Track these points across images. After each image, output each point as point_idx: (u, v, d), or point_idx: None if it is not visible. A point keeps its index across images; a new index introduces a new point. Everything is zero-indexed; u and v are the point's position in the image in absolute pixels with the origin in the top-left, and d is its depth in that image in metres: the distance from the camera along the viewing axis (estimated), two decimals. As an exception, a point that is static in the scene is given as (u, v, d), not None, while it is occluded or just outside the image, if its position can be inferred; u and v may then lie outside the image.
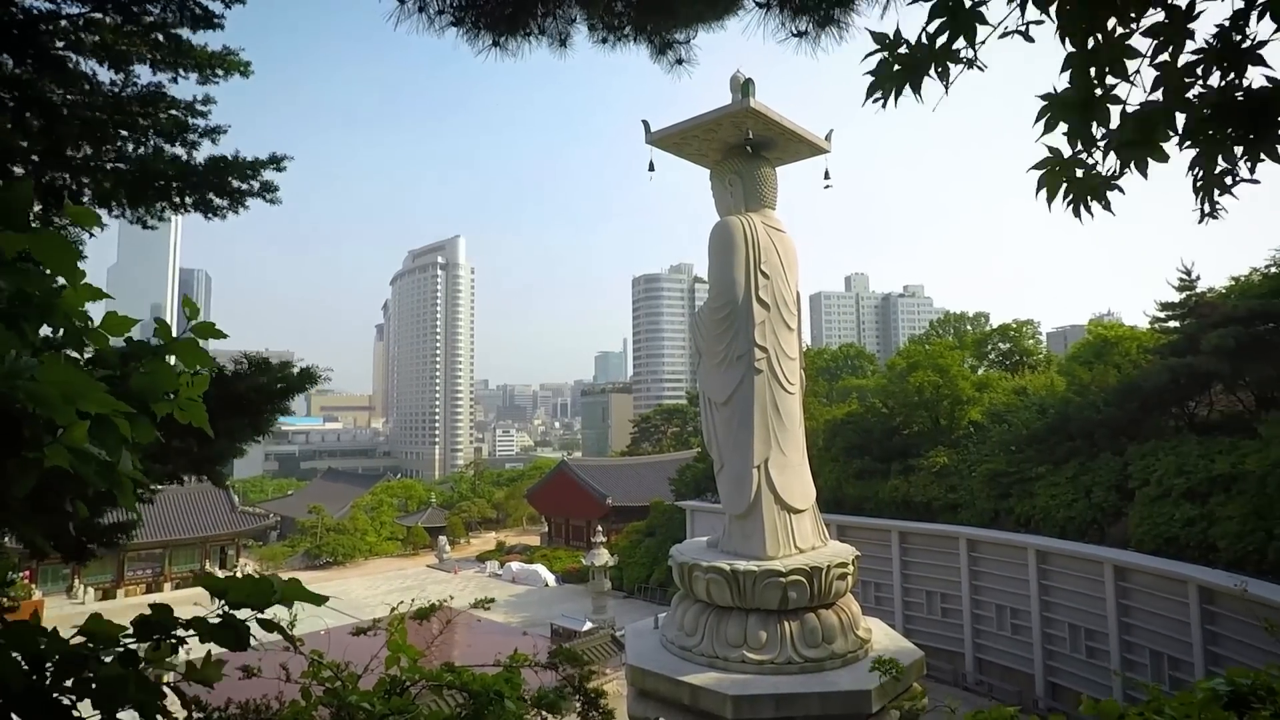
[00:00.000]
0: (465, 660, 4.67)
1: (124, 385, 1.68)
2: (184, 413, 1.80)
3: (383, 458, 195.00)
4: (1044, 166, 2.43)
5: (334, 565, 63.80)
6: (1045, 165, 2.43)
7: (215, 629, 1.70)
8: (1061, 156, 2.41)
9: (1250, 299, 27.07)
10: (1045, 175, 2.44)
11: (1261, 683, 2.78)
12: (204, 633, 1.69)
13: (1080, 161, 2.40)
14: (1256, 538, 22.54)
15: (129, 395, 1.64)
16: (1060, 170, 2.42)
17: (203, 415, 1.82)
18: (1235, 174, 2.31)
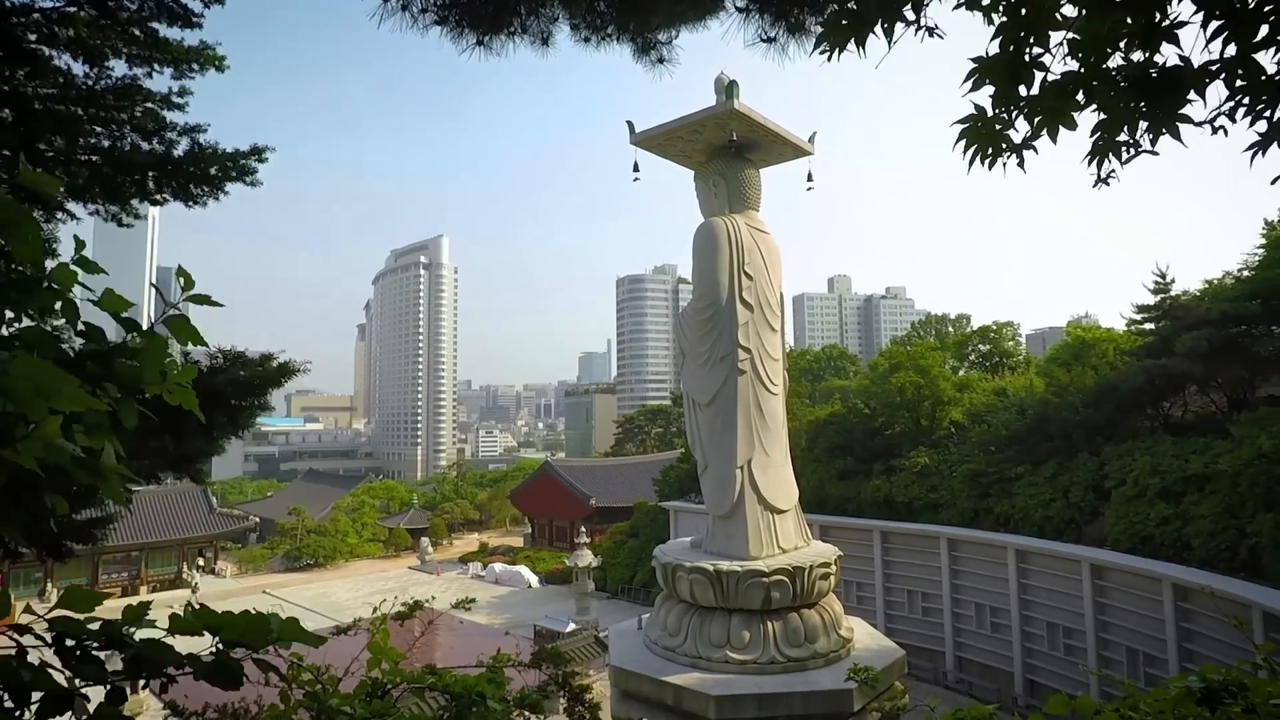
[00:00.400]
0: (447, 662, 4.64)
1: (111, 364, 1.64)
2: (173, 395, 1.76)
3: (364, 459, 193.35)
4: (967, 122, 2.53)
5: (314, 567, 63.15)
6: (969, 121, 2.53)
7: (210, 668, 1.63)
8: (985, 115, 2.51)
9: (1223, 302, 27.57)
10: (967, 130, 2.54)
11: (1233, 679, 2.83)
12: (198, 671, 1.62)
13: (1002, 120, 2.50)
14: (1229, 536, 22.96)
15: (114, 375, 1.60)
16: (982, 128, 2.53)
17: (192, 399, 1.78)
18: (1137, 144, 2.42)
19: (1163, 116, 2.32)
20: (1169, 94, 2.29)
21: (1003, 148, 2.54)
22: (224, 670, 1.64)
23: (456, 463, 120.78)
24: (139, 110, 8.88)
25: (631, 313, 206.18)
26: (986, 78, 2.42)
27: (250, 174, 9.42)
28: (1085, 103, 2.39)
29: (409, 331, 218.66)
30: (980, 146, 2.54)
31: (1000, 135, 2.52)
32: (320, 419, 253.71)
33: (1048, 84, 2.39)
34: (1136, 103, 2.33)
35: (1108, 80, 2.34)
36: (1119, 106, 2.36)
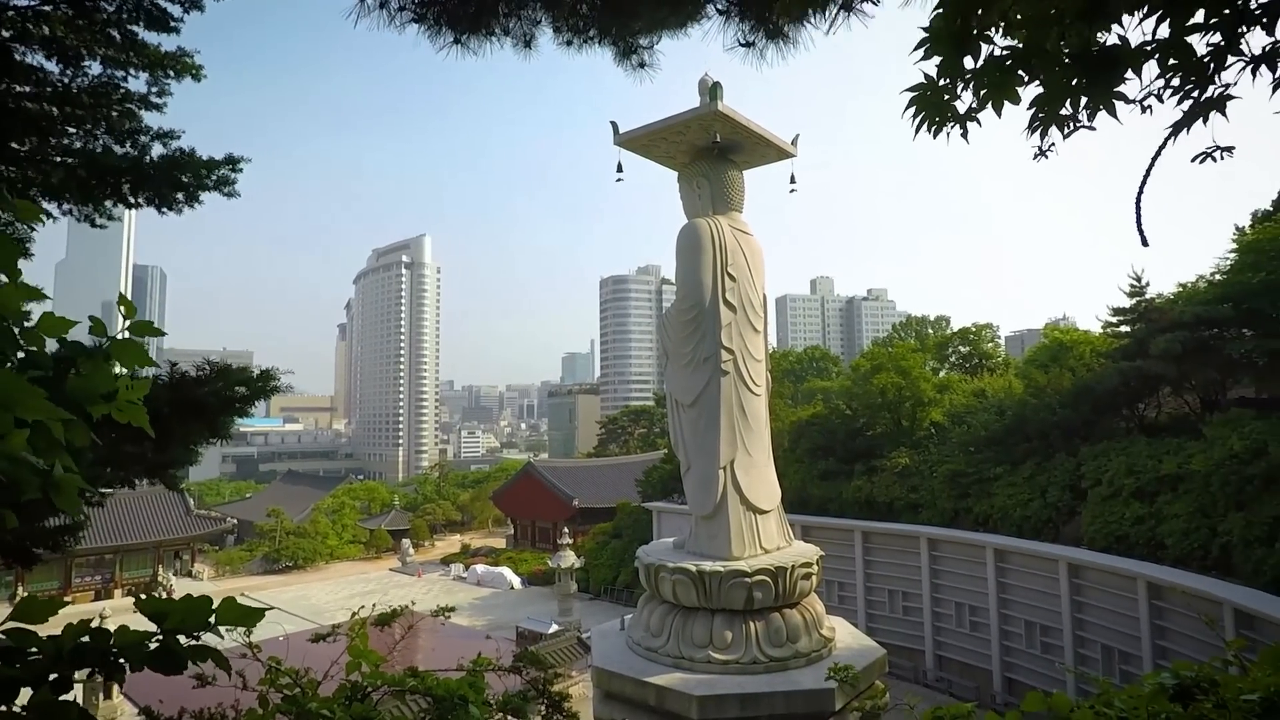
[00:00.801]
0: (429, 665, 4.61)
1: (59, 387, 1.62)
2: (122, 414, 1.74)
3: (345, 460, 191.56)
4: (917, 91, 2.58)
5: (294, 569, 62.45)
6: (918, 90, 2.57)
7: (153, 654, 1.63)
8: (935, 84, 2.55)
9: (1196, 305, 28.08)
10: (916, 99, 2.58)
11: (1204, 675, 2.88)
12: (140, 659, 1.63)
13: (949, 90, 2.55)
14: (1201, 535, 23.39)
15: (64, 398, 1.58)
16: (931, 97, 2.57)
17: (143, 417, 1.75)
18: (1076, 119, 2.48)
19: (1100, 93, 2.39)
20: (1106, 72, 2.36)
21: (948, 117, 2.59)
22: (167, 657, 1.64)
23: (438, 463, 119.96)
24: (115, 111, 8.75)
25: (615, 313, 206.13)
26: (935, 48, 2.46)
27: (227, 184, 9.33)
28: (1028, 78, 2.45)
29: (390, 331, 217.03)
30: (927, 115, 2.59)
31: (946, 105, 2.57)
32: (300, 419, 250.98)
33: (991, 57, 2.45)
34: (1076, 79, 2.39)
35: (1048, 56, 2.40)
36: (1060, 82, 2.42)
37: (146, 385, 1.78)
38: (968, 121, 2.60)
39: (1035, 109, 2.50)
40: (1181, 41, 2.30)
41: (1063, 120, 2.50)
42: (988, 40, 2.44)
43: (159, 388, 8.25)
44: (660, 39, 6.15)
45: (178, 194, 9.16)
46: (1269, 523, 21.55)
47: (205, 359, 9.04)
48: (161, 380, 8.50)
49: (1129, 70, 2.36)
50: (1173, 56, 2.32)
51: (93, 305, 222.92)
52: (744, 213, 12.94)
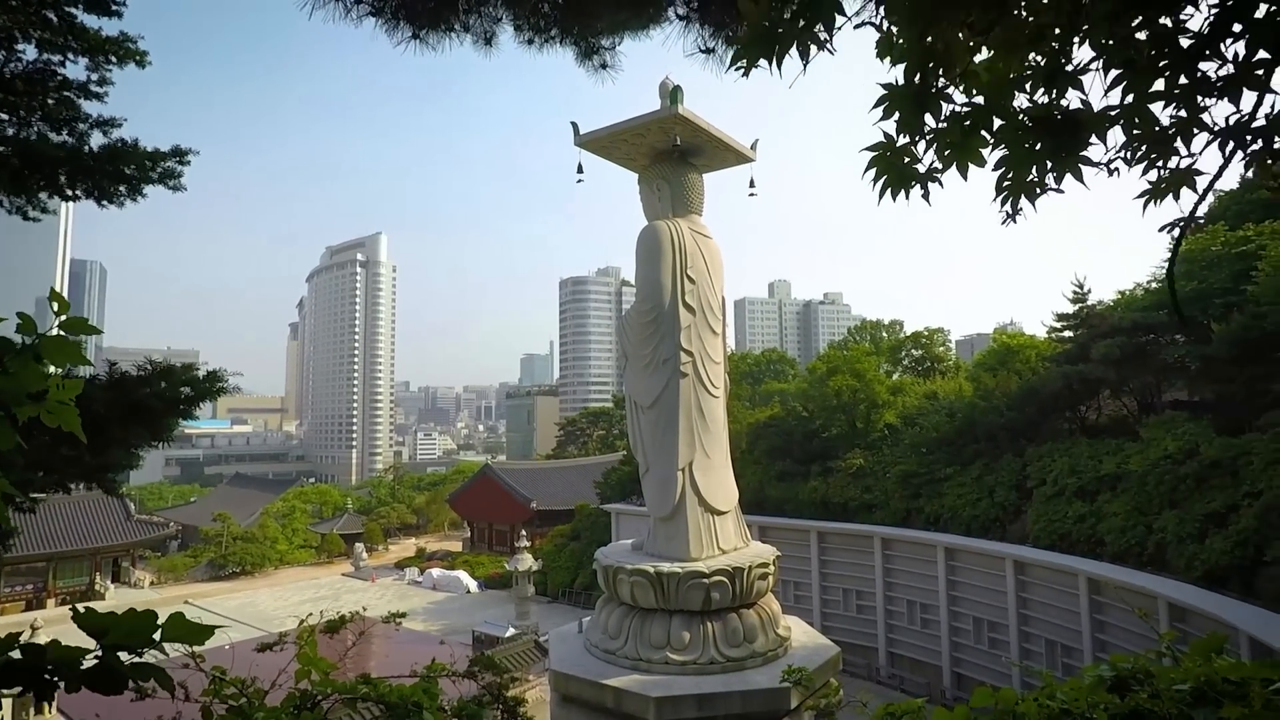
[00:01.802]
0: (382, 671, 4.51)
1: None
2: (52, 415, 1.64)
3: (296, 462, 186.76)
4: (876, 150, 2.54)
5: (241, 575, 60.59)
6: (877, 149, 2.54)
7: (92, 673, 1.54)
8: (894, 143, 2.52)
9: (1133, 311, 29.30)
10: (876, 159, 2.54)
11: (1140, 667, 3.00)
12: (77, 678, 1.53)
13: (909, 150, 2.51)
14: (1138, 532, 24.38)
15: None
16: (891, 156, 2.53)
17: (75, 420, 1.66)
18: (1044, 184, 2.46)
19: (1065, 157, 2.37)
20: (1070, 136, 2.34)
21: (910, 179, 2.54)
22: (107, 675, 1.56)
23: (393, 466, 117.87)
24: (51, 98, 8.36)
25: (574, 315, 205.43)
26: (895, 105, 2.42)
27: (173, 177, 8.98)
28: (994, 140, 2.42)
29: (344, 331, 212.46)
30: (889, 177, 2.55)
31: (908, 168, 2.52)
32: (249, 421, 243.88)
33: (952, 116, 2.42)
34: (1040, 143, 2.38)
35: (1011, 118, 2.39)
36: (1023, 146, 2.40)
37: (79, 385, 1.69)
38: (929, 181, 2.55)
39: (1001, 173, 2.47)
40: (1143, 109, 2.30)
41: (1029, 187, 2.47)
42: (948, 99, 2.41)
43: (97, 388, 7.91)
44: (622, 41, 6.16)
45: (119, 186, 8.80)
46: (1200, 520, 22.58)
47: (147, 358, 8.69)
48: (100, 380, 8.15)
49: (1093, 135, 2.35)
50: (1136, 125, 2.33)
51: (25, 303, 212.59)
52: (703, 215, 13.02)
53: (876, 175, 2.56)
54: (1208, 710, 2.46)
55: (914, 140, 2.49)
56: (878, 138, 2.56)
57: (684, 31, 5.65)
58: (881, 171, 2.55)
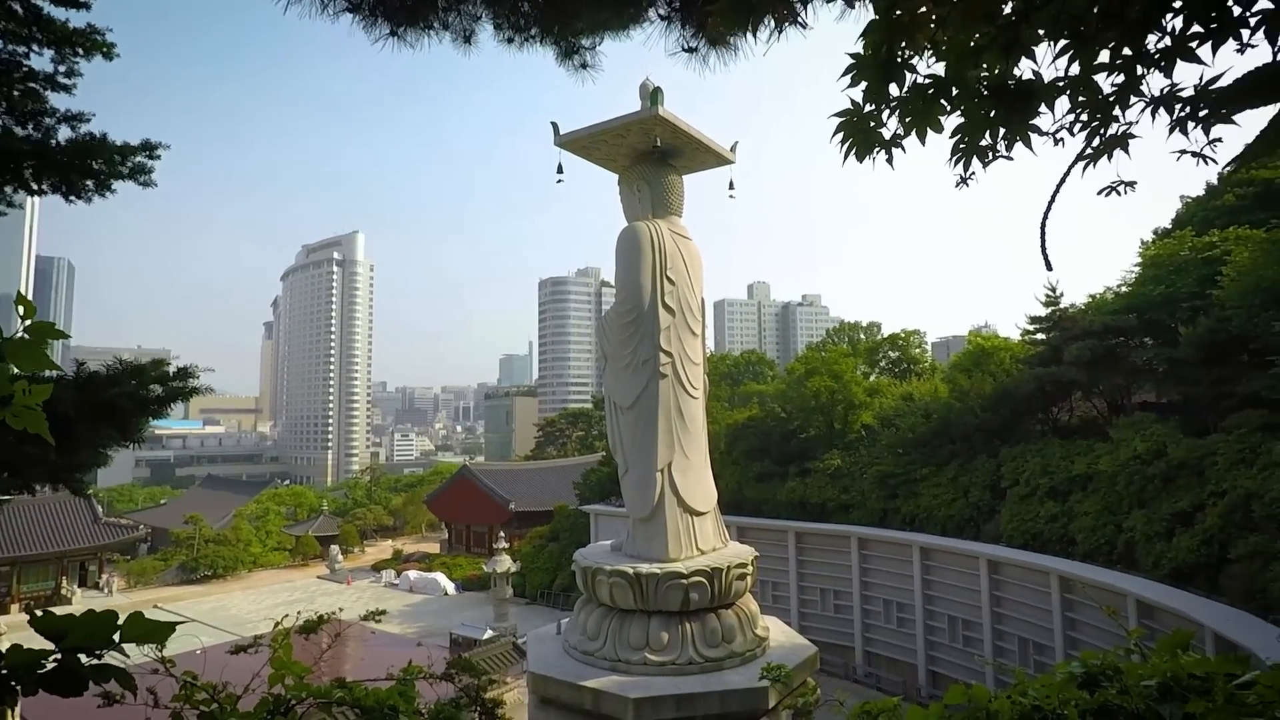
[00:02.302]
0: (357, 675, 4.46)
1: None
2: (18, 419, 1.60)
3: (270, 463, 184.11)
4: (844, 116, 2.66)
5: (213, 579, 59.58)
6: (845, 115, 2.66)
7: (50, 675, 1.51)
8: (861, 110, 2.64)
9: (1104, 315, 29.84)
10: (844, 124, 2.66)
11: (1109, 663, 3.06)
12: (35, 681, 1.49)
13: (875, 116, 2.64)
14: (1108, 531, 24.85)
15: None
16: (857, 122, 2.65)
17: (42, 423, 1.62)
18: (995, 150, 2.62)
19: (1016, 125, 2.52)
20: (1022, 105, 2.48)
21: (875, 143, 2.67)
22: (66, 678, 1.52)
23: (370, 467, 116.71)
24: (16, 90, 8.16)
25: (554, 315, 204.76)
26: (861, 74, 2.54)
27: (143, 172, 8.80)
28: (950, 108, 2.55)
29: (320, 330, 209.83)
30: (855, 140, 2.67)
31: (873, 131, 2.65)
32: (222, 421, 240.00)
33: (915, 85, 2.55)
34: (994, 111, 2.52)
35: (969, 88, 2.52)
36: (979, 114, 2.53)
37: (47, 391, 1.65)
38: (893, 147, 2.68)
39: (957, 139, 2.60)
40: (1089, 79, 2.44)
41: (982, 151, 2.62)
42: (912, 69, 2.54)
43: (64, 387, 7.73)
44: (602, 40, 6.15)
45: (87, 181, 8.61)
46: (1167, 519, 23.07)
47: (117, 357, 8.51)
48: (67, 379, 7.97)
49: (1042, 104, 2.49)
50: (1081, 93, 2.47)
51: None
52: (683, 217, 13.06)
53: (844, 139, 2.67)
54: (1174, 705, 2.52)
55: (879, 108, 2.62)
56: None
57: (665, 31, 5.65)
58: (849, 135, 2.67)
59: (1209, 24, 2.13)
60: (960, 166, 2.67)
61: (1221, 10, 2.08)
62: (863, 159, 2.71)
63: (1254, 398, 23.12)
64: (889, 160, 2.72)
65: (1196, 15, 2.15)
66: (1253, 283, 23.23)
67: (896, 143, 2.67)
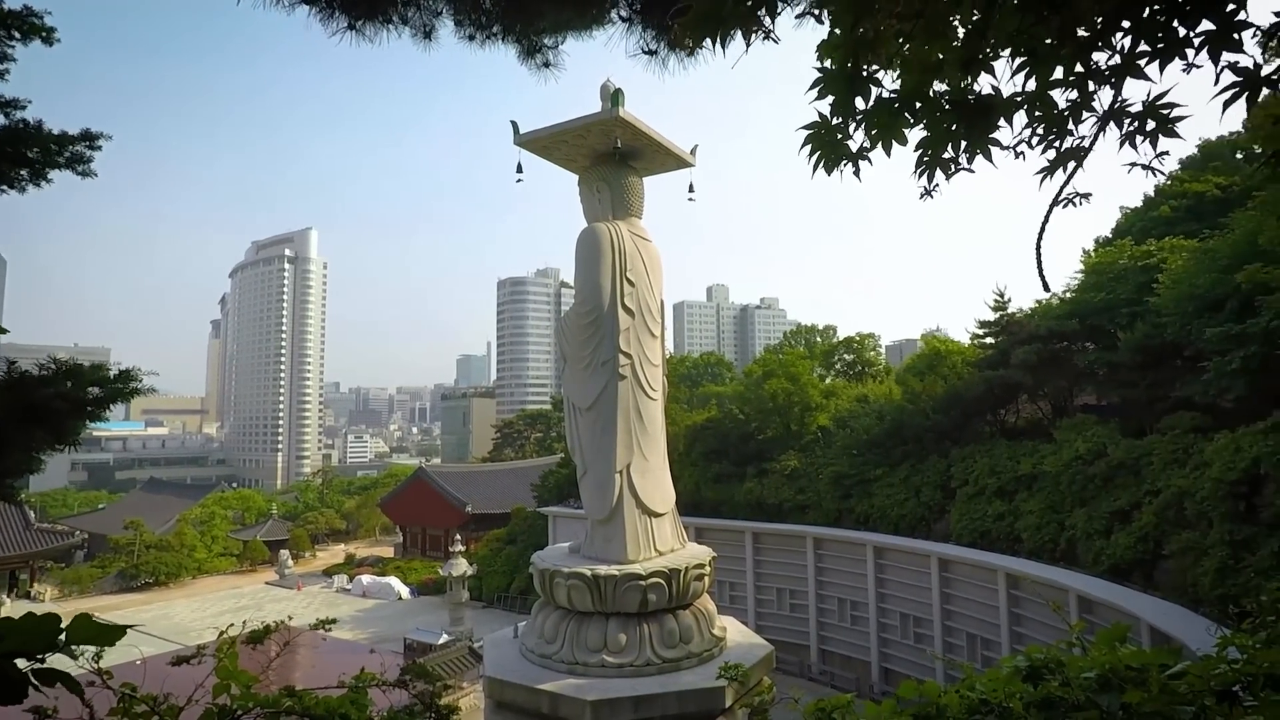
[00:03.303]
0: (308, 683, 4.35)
1: None
2: None
3: (216, 466, 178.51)
4: (811, 129, 2.72)
5: (155, 586, 57.46)
6: (812, 128, 2.71)
7: None
8: (828, 123, 2.70)
9: (1049, 320, 30.87)
10: (812, 136, 2.72)
11: (1052, 657, 3.16)
12: None
13: (842, 129, 2.70)
14: (1051, 529, 25.71)
15: None
16: (825, 135, 2.71)
17: None
18: (958, 162, 2.70)
19: (977, 139, 2.60)
20: (982, 119, 2.56)
21: (841, 155, 2.73)
22: (3, 684, 1.44)
23: (322, 469, 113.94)
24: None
25: (512, 315, 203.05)
26: (828, 88, 2.60)
27: (82, 162, 8.43)
28: (914, 121, 2.62)
29: (270, 329, 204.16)
30: (823, 154, 2.73)
31: (840, 144, 2.71)
32: (165, 422, 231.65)
33: (880, 99, 2.61)
34: (956, 124, 2.60)
35: (932, 102, 2.59)
36: (941, 127, 2.61)
37: None
38: (859, 160, 2.74)
39: (920, 151, 2.68)
40: (1045, 95, 2.52)
41: (945, 163, 2.70)
42: (877, 83, 2.60)
43: (-6, 387, 7.37)
44: (565, 40, 6.12)
45: (20, 170, 8.22)
46: (1107, 517, 23.98)
47: (51, 356, 8.13)
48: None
49: (1002, 119, 2.57)
50: (1037, 108, 2.55)
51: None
52: (643, 219, 13.08)
53: (811, 151, 2.73)
54: (1112, 696, 2.61)
55: (845, 121, 2.67)
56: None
57: (627, 33, 5.66)
58: (816, 148, 2.72)
59: (1156, 44, 2.22)
60: (924, 179, 2.73)
61: (1168, 31, 2.17)
62: (831, 171, 2.76)
63: (1187, 401, 24.20)
64: (856, 173, 2.77)
65: (1145, 35, 2.24)
66: (1186, 290, 24.32)
67: (863, 155, 2.72)
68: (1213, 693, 2.57)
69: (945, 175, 2.73)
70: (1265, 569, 17.11)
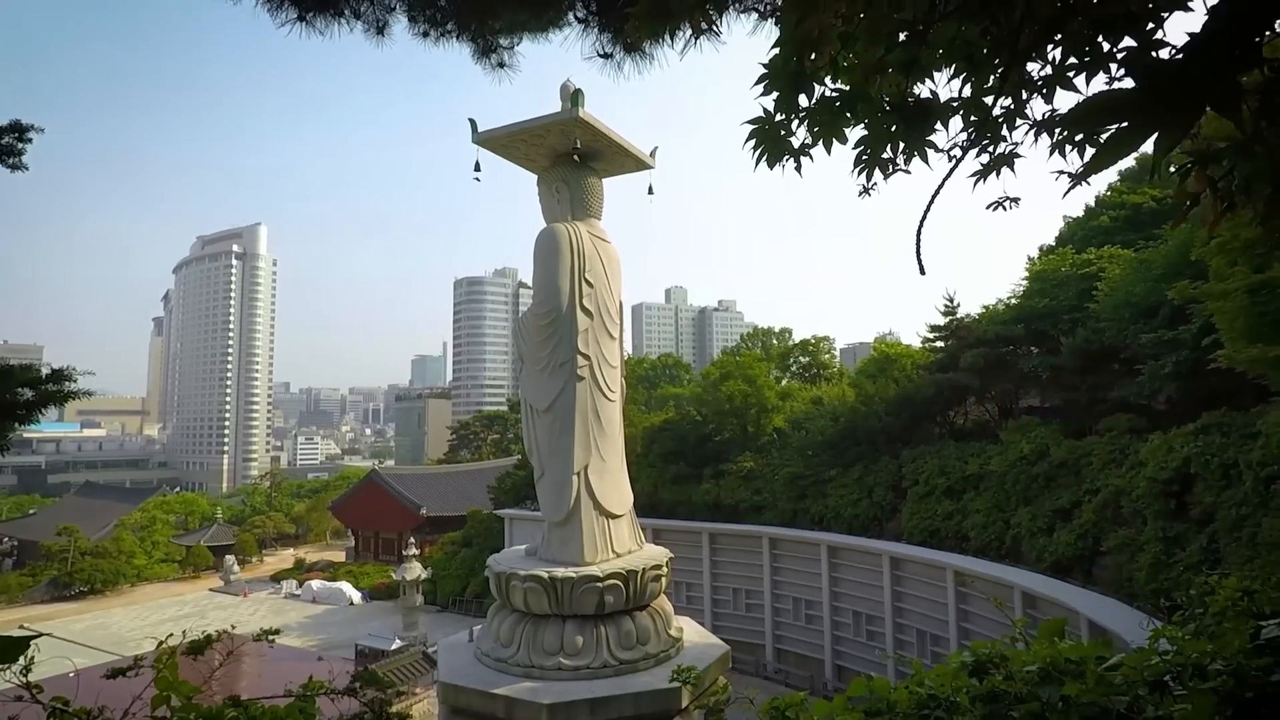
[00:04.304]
0: (253, 692, 4.21)
1: None
2: None
3: (158, 469, 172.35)
4: (756, 124, 2.76)
5: (91, 595, 55.05)
6: (757, 123, 2.76)
7: None
8: (772, 118, 2.74)
9: (996, 325, 31.86)
10: (756, 131, 2.76)
11: (996, 651, 3.26)
12: None
13: (785, 125, 2.75)
14: (997, 527, 26.50)
15: None
16: (769, 130, 2.76)
17: None
18: (895, 163, 2.76)
19: (915, 141, 2.67)
20: (920, 121, 2.64)
21: (784, 151, 2.78)
22: None
23: (270, 472, 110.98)
24: None
25: (469, 315, 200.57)
26: (773, 84, 2.65)
27: (12, 154, 8.03)
28: (854, 120, 2.69)
29: (217, 327, 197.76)
30: (766, 148, 2.77)
31: (783, 140, 2.76)
32: (103, 424, 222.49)
33: (823, 98, 2.68)
34: (895, 125, 2.66)
35: (872, 102, 2.66)
36: (881, 127, 2.68)
37: None
38: (802, 156, 2.80)
39: (860, 149, 2.74)
40: (980, 101, 2.61)
41: (883, 163, 2.76)
42: (820, 82, 2.66)
43: (-86, 387, 6.96)
44: (521, 40, 6.08)
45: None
46: (1049, 515, 24.83)
47: (-21, 356, 7.72)
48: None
49: (939, 122, 2.65)
50: (973, 114, 2.64)
51: None
52: (602, 220, 13.08)
53: (755, 146, 2.76)
54: (1052, 688, 2.71)
55: (789, 117, 2.72)
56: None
57: (582, 35, 5.65)
58: (760, 143, 2.76)
59: (1083, 57, 2.32)
60: (864, 177, 2.79)
61: (1094, 45, 2.27)
62: (773, 165, 2.81)
63: (1124, 403, 25.22)
64: (798, 168, 2.84)
65: (1073, 48, 2.34)
66: (1123, 297, 25.37)
67: (805, 151, 2.78)
68: (1145, 683, 2.68)
69: (883, 175, 2.79)
70: (1194, 564, 17.93)
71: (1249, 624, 2.91)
